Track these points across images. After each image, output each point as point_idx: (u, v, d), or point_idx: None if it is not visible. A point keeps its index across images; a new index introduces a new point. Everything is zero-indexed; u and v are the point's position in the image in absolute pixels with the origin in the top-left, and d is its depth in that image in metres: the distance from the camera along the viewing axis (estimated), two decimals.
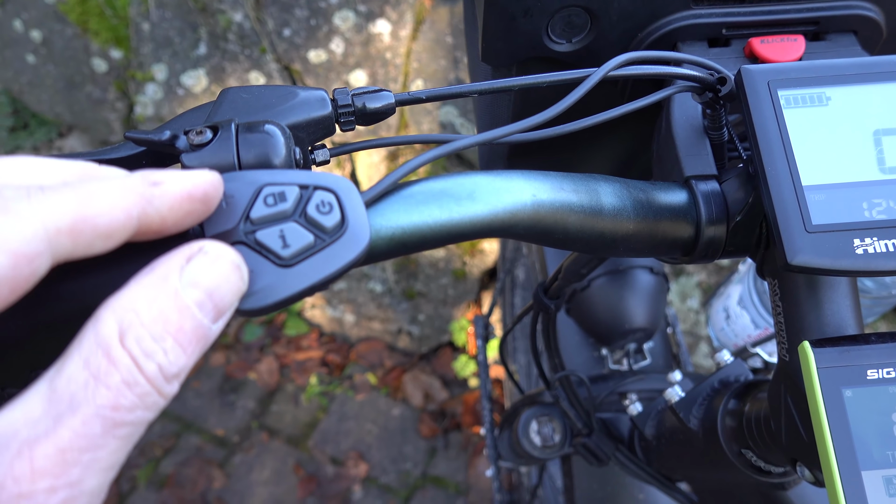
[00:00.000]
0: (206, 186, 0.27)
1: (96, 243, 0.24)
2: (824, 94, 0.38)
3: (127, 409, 0.22)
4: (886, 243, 0.35)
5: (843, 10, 0.46)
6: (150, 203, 0.25)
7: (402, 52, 1.59)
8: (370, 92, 0.36)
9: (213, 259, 0.25)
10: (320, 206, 0.27)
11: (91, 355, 0.22)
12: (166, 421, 1.82)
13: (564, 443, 0.73)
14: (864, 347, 0.36)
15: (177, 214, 0.26)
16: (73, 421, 0.21)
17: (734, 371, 0.55)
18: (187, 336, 0.24)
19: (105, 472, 0.22)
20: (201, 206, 0.27)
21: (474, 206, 0.32)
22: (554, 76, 0.38)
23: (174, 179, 0.26)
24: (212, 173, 0.27)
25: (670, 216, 0.40)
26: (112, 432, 0.22)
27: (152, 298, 0.23)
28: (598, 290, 0.79)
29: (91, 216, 0.23)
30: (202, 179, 0.27)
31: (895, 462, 0.35)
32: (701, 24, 0.46)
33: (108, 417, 0.22)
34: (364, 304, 1.90)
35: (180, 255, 0.25)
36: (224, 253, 0.25)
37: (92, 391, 0.22)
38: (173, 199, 0.26)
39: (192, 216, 0.27)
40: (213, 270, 0.25)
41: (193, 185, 0.26)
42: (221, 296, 0.25)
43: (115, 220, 0.24)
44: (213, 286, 0.25)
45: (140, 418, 0.23)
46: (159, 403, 0.23)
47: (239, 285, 0.26)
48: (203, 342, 0.24)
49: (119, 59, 1.73)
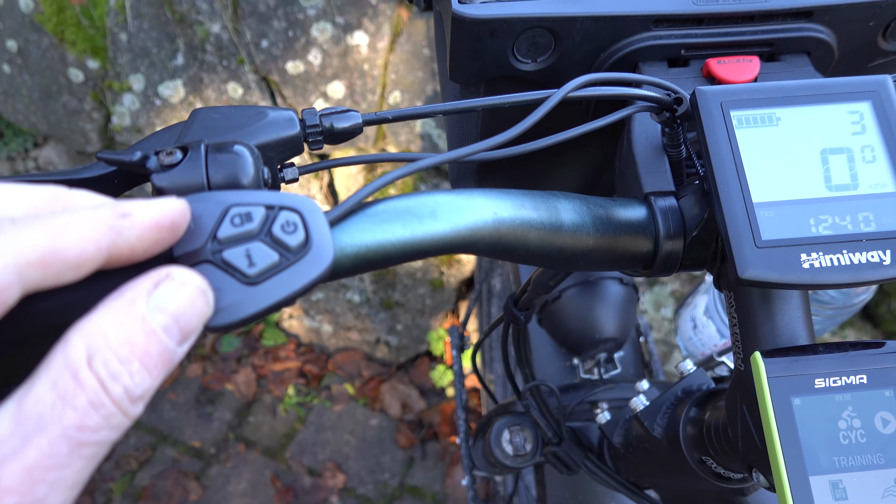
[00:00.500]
0: (174, 215, 0.27)
1: (66, 274, 0.25)
2: (774, 114, 0.40)
3: (92, 429, 0.23)
4: (831, 258, 0.37)
5: (796, 33, 0.48)
6: (119, 234, 0.26)
7: (379, 63, 1.60)
8: (338, 112, 0.38)
9: (180, 285, 0.26)
10: (285, 225, 0.28)
11: (59, 377, 0.23)
12: (142, 433, 1.81)
13: (536, 452, 0.74)
14: (813, 357, 0.38)
15: (145, 244, 0.27)
16: (40, 441, 0.22)
17: (696, 380, 0.56)
18: (153, 359, 0.25)
19: (69, 490, 0.23)
20: (169, 233, 0.28)
21: (436, 224, 0.34)
22: (516, 97, 0.39)
23: (143, 210, 0.27)
24: (179, 201, 0.28)
25: (630, 231, 0.42)
26: (77, 452, 0.23)
27: (120, 322, 0.24)
28: (569, 300, 0.80)
29: (60, 249, 0.24)
30: (169, 208, 0.27)
31: (841, 467, 0.36)
32: (660, 45, 0.48)
33: (73, 438, 0.22)
34: (342, 314, 1.90)
35: (148, 281, 0.26)
36: (190, 279, 0.26)
37: (59, 412, 0.22)
38: (142, 229, 0.27)
39: (161, 244, 0.28)
40: (180, 296, 0.26)
41: (161, 214, 0.27)
42: (187, 320, 0.26)
43: (85, 252, 0.25)
44: (180, 311, 0.26)
45: (105, 438, 0.23)
46: (124, 424, 0.24)
47: (204, 310, 0.27)
48: (168, 365, 0.25)
49: (96, 69, 1.73)
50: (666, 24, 0.48)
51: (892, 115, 0.40)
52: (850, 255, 0.37)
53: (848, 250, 0.37)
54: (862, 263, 0.37)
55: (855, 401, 0.37)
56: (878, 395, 0.37)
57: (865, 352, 0.38)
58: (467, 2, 0.46)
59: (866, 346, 0.39)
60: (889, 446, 0.37)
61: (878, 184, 0.39)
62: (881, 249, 0.37)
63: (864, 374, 0.38)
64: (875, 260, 0.37)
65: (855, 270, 0.37)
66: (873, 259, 0.37)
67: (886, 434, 0.37)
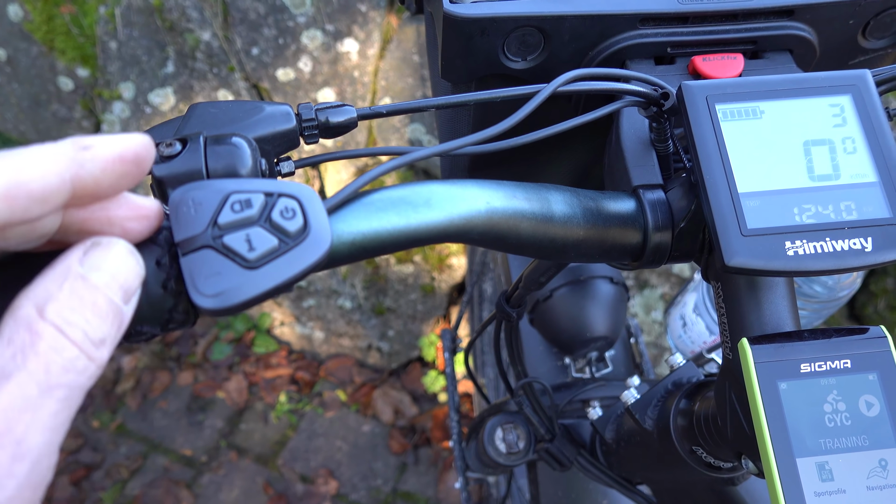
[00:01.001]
0: (137, 147, 0.28)
1: (32, 208, 0.25)
2: (758, 107, 0.41)
3: (59, 371, 0.24)
4: (815, 245, 0.38)
5: (778, 31, 0.49)
6: (81, 166, 0.26)
7: (369, 70, 1.61)
8: (333, 107, 0.38)
9: (107, 246, 0.27)
10: (284, 212, 0.29)
11: (13, 333, 0.24)
12: (132, 441, 1.80)
13: (529, 449, 0.74)
14: (798, 343, 0.39)
15: (110, 177, 0.27)
16: (8, 386, 0.23)
17: (686, 373, 0.57)
18: (103, 310, 0.26)
19: (49, 431, 0.24)
20: (134, 167, 0.28)
21: (431, 213, 0.34)
22: (507, 91, 0.40)
23: (104, 142, 0.27)
24: (142, 135, 0.28)
25: (619, 223, 0.42)
26: (49, 394, 0.24)
27: (62, 282, 0.25)
28: (560, 300, 0.81)
29: (24, 181, 0.24)
30: (133, 141, 0.28)
31: (827, 449, 0.37)
32: (647, 43, 0.49)
33: (42, 381, 0.23)
34: (333, 320, 1.91)
35: (77, 250, 0.27)
36: (115, 242, 0.27)
37: (21, 360, 0.23)
38: (105, 161, 0.27)
39: (127, 178, 0.28)
40: (110, 256, 0.27)
41: (124, 147, 0.27)
42: (124, 277, 0.27)
43: (49, 184, 0.25)
44: (114, 269, 0.27)
45: (75, 381, 0.24)
46: (90, 368, 0.25)
47: (137, 269, 0.28)
48: (118, 320, 0.26)
49: (86, 77, 1.73)
50: (652, 22, 0.49)
51: (871, 107, 0.41)
52: (833, 243, 0.38)
53: (831, 238, 0.38)
54: (844, 250, 0.38)
55: (839, 385, 0.38)
56: (861, 379, 0.38)
57: (849, 338, 0.39)
58: (458, 1, 0.47)
59: (850, 332, 0.40)
60: (873, 428, 0.38)
61: (859, 174, 0.40)
62: (863, 237, 0.38)
63: (848, 359, 0.39)
64: (857, 247, 0.38)
65: (838, 257, 0.38)
66: (855, 246, 0.38)
67: (870, 416, 0.38)
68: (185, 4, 1.57)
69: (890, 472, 0.37)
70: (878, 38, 0.52)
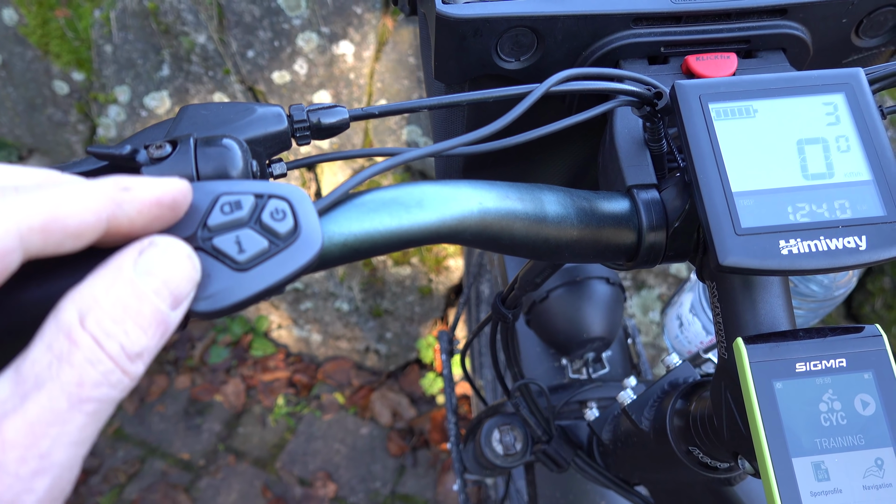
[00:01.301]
0: (176, 193, 0.28)
1: (66, 242, 0.25)
2: (751, 106, 0.41)
3: (92, 385, 0.23)
4: (809, 244, 0.38)
5: (772, 30, 0.49)
6: (119, 207, 0.26)
7: (365, 72, 1.61)
8: (325, 108, 0.38)
9: (164, 249, 0.27)
10: (274, 213, 0.29)
11: (53, 339, 0.23)
12: (130, 446, 1.80)
13: (526, 451, 0.74)
14: (793, 343, 0.39)
15: (145, 219, 0.27)
16: (39, 397, 0.23)
17: (683, 373, 0.57)
18: (147, 319, 0.25)
19: (74, 446, 0.23)
20: (170, 212, 0.28)
21: (423, 214, 0.34)
22: (499, 92, 0.40)
23: (145, 185, 0.27)
24: (181, 181, 0.29)
25: (613, 223, 0.42)
26: (78, 408, 0.23)
27: (109, 287, 0.25)
28: (557, 301, 0.81)
29: (62, 216, 0.25)
30: (172, 187, 0.28)
31: (822, 448, 0.37)
32: (641, 42, 0.49)
33: (73, 394, 0.23)
34: (331, 323, 1.90)
35: (133, 249, 0.26)
36: (174, 243, 0.27)
37: (56, 370, 0.23)
38: (142, 204, 0.27)
39: (161, 221, 0.28)
40: (166, 260, 0.26)
41: (163, 191, 0.28)
42: (176, 283, 0.26)
43: (85, 221, 0.25)
44: (167, 274, 0.26)
45: (106, 395, 0.24)
46: (124, 382, 0.25)
47: (192, 273, 0.27)
48: (163, 328, 0.26)
49: (81, 81, 1.73)
50: (645, 22, 0.49)
51: (864, 105, 0.41)
52: (827, 242, 0.38)
53: (825, 236, 0.38)
54: (839, 249, 0.38)
55: (835, 384, 0.38)
56: (857, 378, 0.38)
57: (844, 336, 0.39)
58: (451, 2, 0.47)
59: (845, 330, 0.40)
60: (869, 427, 0.37)
61: (853, 172, 0.40)
62: (857, 235, 0.38)
63: (843, 358, 0.38)
64: (851, 245, 0.38)
65: (832, 256, 0.38)
66: (849, 245, 0.38)
67: (866, 416, 0.38)
68: (181, 7, 1.57)
69: (886, 471, 0.37)
70: (872, 36, 0.52)
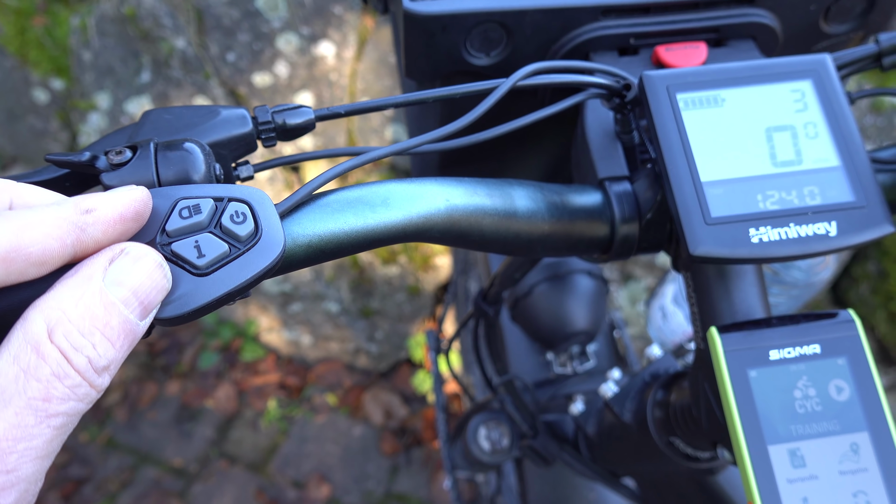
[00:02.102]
0: (137, 205, 0.28)
1: (29, 270, 0.25)
2: (719, 95, 0.41)
3: (59, 399, 0.23)
4: (779, 231, 0.38)
5: (740, 18, 0.49)
6: (83, 231, 0.26)
7: (346, 72, 1.61)
8: (290, 109, 0.38)
9: (135, 258, 0.26)
10: (234, 216, 0.28)
11: (20, 352, 0.23)
12: (122, 454, 1.79)
13: (512, 446, 0.74)
14: (767, 330, 0.39)
15: (111, 237, 0.27)
16: (5, 413, 0.22)
17: (663, 364, 0.57)
18: (115, 331, 0.25)
19: (41, 460, 0.23)
20: (134, 224, 0.28)
21: (388, 213, 0.34)
22: (466, 88, 0.40)
23: (106, 204, 0.27)
24: (140, 190, 0.28)
25: (585, 216, 0.42)
26: (46, 422, 0.23)
27: (78, 297, 0.25)
28: (540, 296, 0.81)
29: (24, 246, 0.24)
30: (132, 198, 0.28)
31: (798, 435, 0.37)
32: (610, 34, 0.49)
33: (40, 409, 0.23)
34: (320, 324, 1.90)
35: (103, 257, 0.26)
36: (145, 252, 0.27)
37: (23, 384, 0.23)
38: (107, 224, 0.27)
39: (127, 235, 0.28)
40: (136, 269, 0.26)
41: (124, 206, 0.27)
42: (146, 293, 0.26)
43: (48, 248, 0.25)
44: (137, 284, 0.26)
45: (74, 409, 0.24)
46: (91, 395, 0.25)
47: (162, 283, 0.27)
48: (131, 337, 0.26)
49: (61, 89, 1.71)
50: (614, 13, 0.49)
51: (832, 91, 0.41)
52: (798, 228, 0.38)
53: (795, 223, 0.38)
54: (809, 236, 0.38)
55: (809, 370, 0.38)
56: (831, 364, 0.38)
57: (818, 322, 0.39)
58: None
59: (819, 317, 0.40)
60: (843, 413, 0.38)
61: (822, 158, 0.40)
62: (826, 221, 0.38)
63: (817, 344, 0.39)
64: (821, 232, 0.38)
65: (802, 243, 0.38)
66: (819, 231, 0.38)
67: (840, 401, 0.38)
68: (159, 13, 1.56)
69: (862, 455, 0.37)
70: (840, 22, 0.52)
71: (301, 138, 1.73)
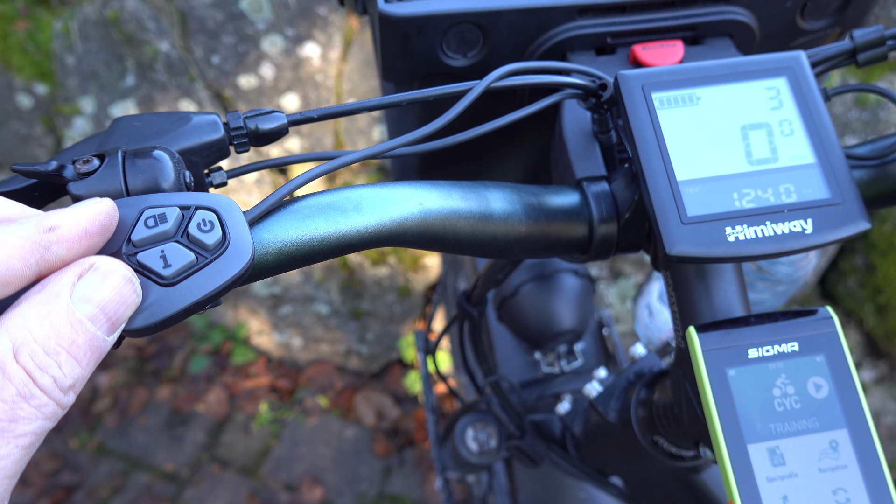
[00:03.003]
0: (102, 218, 0.27)
1: None
2: (694, 94, 0.41)
3: (26, 420, 0.23)
4: (755, 230, 0.38)
5: (717, 16, 0.49)
6: (47, 250, 0.26)
7: (332, 73, 1.60)
8: (262, 114, 0.38)
9: (104, 274, 0.26)
10: (201, 224, 0.28)
11: None
12: (113, 460, 1.78)
13: (500, 447, 0.74)
14: (745, 329, 0.39)
15: (76, 254, 0.27)
16: None
17: (648, 363, 0.57)
18: (81, 349, 0.25)
19: (9, 479, 0.23)
20: (100, 238, 0.28)
21: (360, 218, 0.34)
22: (440, 90, 0.40)
23: (70, 220, 0.27)
24: (104, 202, 0.28)
25: (563, 217, 0.42)
26: (13, 442, 0.23)
27: (44, 315, 0.24)
28: (526, 295, 0.81)
29: None
30: (97, 212, 0.27)
31: (777, 434, 0.37)
32: (586, 34, 0.49)
33: (7, 429, 0.23)
34: (311, 326, 1.89)
35: (71, 273, 0.26)
36: (115, 267, 0.26)
37: None
38: (71, 241, 0.26)
39: (93, 250, 0.28)
40: (105, 285, 0.26)
41: (89, 221, 0.27)
42: (114, 309, 0.26)
43: (12, 269, 0.25)
44: (106, 300, 0.26)
45: (40, 427, 0.24)
46: (58, 413, 0.25)
47: (132, 298, 0.27)
48: (98, 353, 0.26)
49: (44, 94, 1.70)
50: (590, 13, 0.49)
51: (807, 89, 0.41)
52: (774, 226, 0.38)
53: (771, 221, 0.38)
54: (785, 234, 0.38)
55: (788, 368, 0.38)
56: (809, 362, 0.38)
57: (797, 320, 0.39)
58: (393, 1, 0.47)
59: (797, 314, 0.40)
60: (822, 410, 0.38)
61: (797, 156, 0.40)
62: (802, 219, 0.38)
63: (795, 342, 0.38)
64: (797, 229, 0.38)
65: (779, 241, 0.38)
66: (795, 229, 0.38)
67: (819, 399, 0.38)
68: (142, 16, 1.55)
69: (841, 452, 0.37)
70: (817, 18, 0.52)
71: (288, 140, 1.72)
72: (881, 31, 0.42)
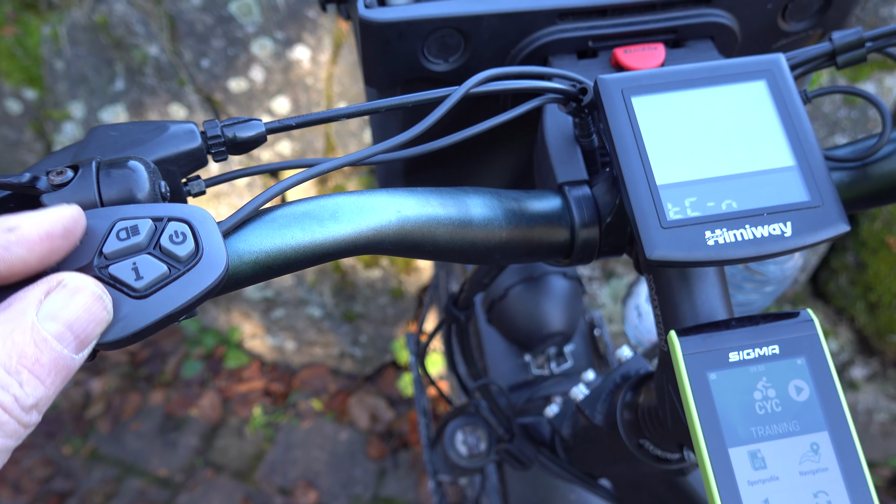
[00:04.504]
0: (66, 222, 0.27)
1: None
2: (674, 98, 0.41)
3: None
4: (735, 233, 0.38)
5: (698, 19, 0.49)
6: (6, 250, 0.26)
7: (322, 76, 1.60)
8: (240, 122, 0.37)
9: (73, 291, 0.26)
10: (174, 236, 0.28)
11: None
12: (106, 466, 1.77)
13: (490, 451, 0.74)
14: (726, 332, 0.39)
15: (38, 255, 0.26)
16: None
17: (634, 365, 0.57)
18: (45, 368, 0.24)
19: None
20: (63, 242, 0.27)
21: (337, 227, 0.34)
22: (420, 96, 0.39)
23: (30, 222, 0.26)
24: (70, 207, 0.28)
25: (545, 222, 0.42)
26: None
27: (7, 333, 0.24)
28: (515, 298, 0.81)
29: None
30: (60, 216, 0.27)
31: (758, 437, 0.37)
32: (568, 38, 0.49)
33: None
34: (304, 330, 1.89)
35: (38, 290, 0.25)
36: (84, 284, 0.26)
37: None
38: (31, 241, 0.26)
39: (56, 253, 0.27)
40: (73, 303, 0.26)
41: (51, 224, 0.27)
42: (82, 327, 0.26)
43: None
44: (73, 318, 0.25)
45: (2, 445, 0.24)
46: (20, 432, 0.24)
47: (102, 315, 0.26)
48: (64, 372, 0.25)
49: (33, 99, 1.69)
50: (571, 17, 0.48)
51: (786, 92, 0.41)
52: (753, 230, 0.38)
53: (750, 225, 0.38)
54: (765, 237, 0.38)
55: (769, 371, 0.38)
56: (790, 365, 0.38)
57: (777, 323, 0.39)
58: (373, 6, 0.46)
59: (778, 317, 0.40)
60: (803, 413, 0.38)
61: (776, 159, 0.40)
62: (782, 222, 0.38)
63: (776, 345, 0.38)
64: (777, 232, 0.38)
65: (758, 244, 0.38)
66: (775, 232, 0.38)
67: (800, 401, 0.38)
68: (130, 20, 1.55)
69: (822, 455, 0.37)
70: (798, 20, 0.52)
71: (279, 143, 1.72)
72: (860, 32, 0.42)
